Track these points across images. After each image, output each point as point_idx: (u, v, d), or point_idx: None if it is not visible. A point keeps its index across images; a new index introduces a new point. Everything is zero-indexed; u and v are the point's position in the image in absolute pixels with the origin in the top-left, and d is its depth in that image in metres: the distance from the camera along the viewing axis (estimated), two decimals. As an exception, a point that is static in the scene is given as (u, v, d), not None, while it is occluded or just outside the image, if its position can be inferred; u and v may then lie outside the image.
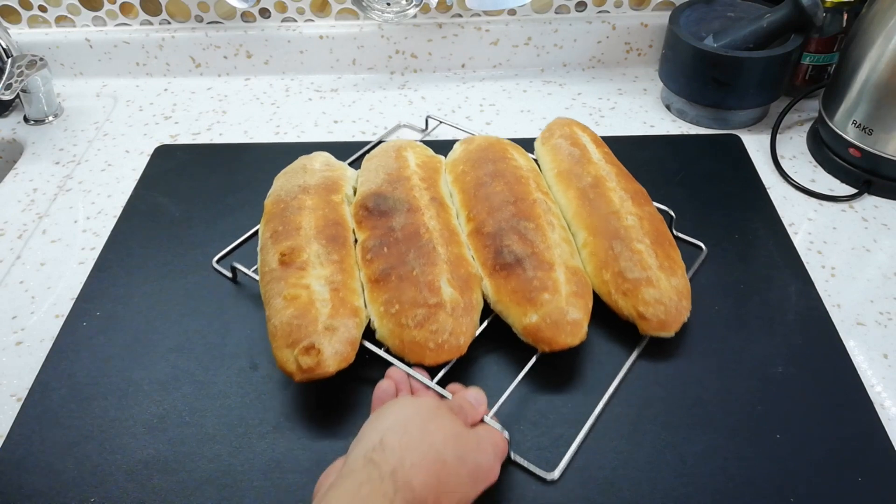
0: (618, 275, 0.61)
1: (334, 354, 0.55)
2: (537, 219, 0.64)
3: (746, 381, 0.59)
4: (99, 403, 0.59)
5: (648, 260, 0.62)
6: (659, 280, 0.61)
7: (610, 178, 0.69)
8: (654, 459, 0.54)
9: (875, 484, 0.52)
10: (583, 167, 0.71)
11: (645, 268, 0.61)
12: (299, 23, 1.00)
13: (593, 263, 0.64)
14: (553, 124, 0.79)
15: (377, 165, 0.73)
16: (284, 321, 0.56)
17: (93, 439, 0.57)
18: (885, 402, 0.58)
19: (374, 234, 0.65)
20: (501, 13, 0.98)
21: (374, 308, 0.60)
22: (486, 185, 0.69)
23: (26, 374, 0.62)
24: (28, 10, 0.99)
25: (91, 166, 0.87)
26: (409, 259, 0.61)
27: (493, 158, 0.72)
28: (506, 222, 0.64)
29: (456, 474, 0.44)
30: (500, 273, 0.61)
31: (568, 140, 0.75)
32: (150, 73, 1.03)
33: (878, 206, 0.77)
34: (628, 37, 0.99)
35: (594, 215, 0.66)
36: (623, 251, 0.62)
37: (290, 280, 0.59)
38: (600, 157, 0.72)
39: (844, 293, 0.67)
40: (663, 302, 0.60)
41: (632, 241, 0.63)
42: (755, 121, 0.89)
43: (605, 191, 0.68)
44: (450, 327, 0.57)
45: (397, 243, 0.63)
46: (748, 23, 0.85)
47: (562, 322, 0.57)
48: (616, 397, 0.58)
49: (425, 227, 0.64)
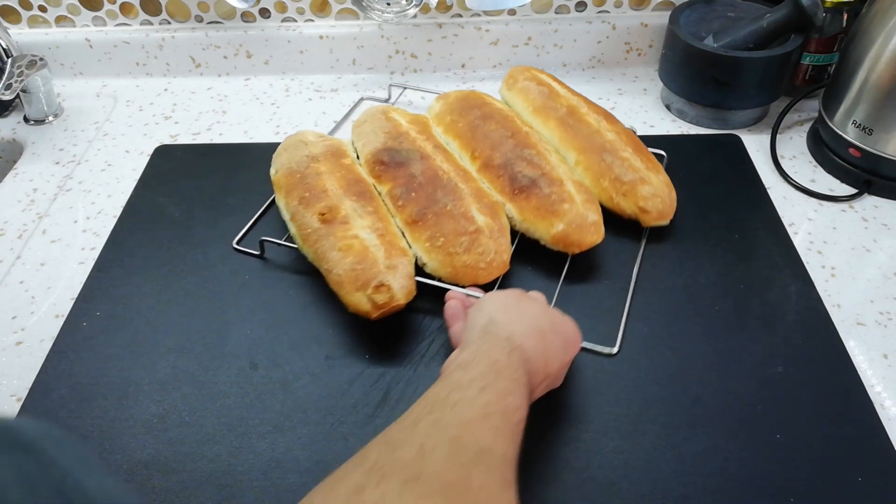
0: (615, 180, 0.72)
1: (401, 289, 0.61)
2: (536, 146, 0.74)
3: (746, 381, 0.59)
4: (99, 403, 0.59)
5: (636, 164, 0.73)
6: (650, 178, 0.72)
7: (581, 106, 0.80)
8: (653, 459, 0.54)
9: (875, 484, 0.52)
10: (555, 101, 0.81)
11: (636, 170, 0.72)
12: (299, 23, 1.00)
13: (590, 176, 0.74)
14: (513, 71, 0.88)
15: (371, 129, 0.78)
16: (347, 269, 0.61)
17: (93, 439, 0.57)
18: (885, 402, 0.58)
19: (397, 184, 0.71)
20: (501, 13, 0.98)
21: (420, 246, 0.66)
22: (480, 127, 0.77)
23: (26, 374, 0.62)
24: (28, 10, 0.99)
25: (91, 166, 0.87)
26: (438, 198, 0.68)
27: (476, 105, 0.80)
28: (511, 153, 0.73)
29: (553, 342, 0.52)
30: (520, 195, 0.69)
31: (533, 81, 0.84)
32: (150, 73, 1.03)
33: (878, 206, 0.77)
34: (628, 37, 0.99)
35: (578, 137, 0.76)
36: (614, 161, 0.73)
37: (338, 234, 0.64)
38: (566, 92, 0.83)
39: (844, 293, 0.67)
40: (659, 195, 0.71)
41: (618, 151, 0.74)
42: (755, 121, 0.89)
43: (581, 116, 0.78)
44: (493, 248, 0.65)
45: (422, 187, 0.69)
46: (748, 23, 0.85)
47: (585, 225, 0.67)
48: (616, 395, 0.59)
49: (441, 170, 0.71)
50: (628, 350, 0.62)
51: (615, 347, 0.62)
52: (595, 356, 0.62)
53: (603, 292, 0.67)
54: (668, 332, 0.63)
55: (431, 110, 0.84)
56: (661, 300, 0.66)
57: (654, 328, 0.64)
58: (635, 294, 0.67)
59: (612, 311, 0.65)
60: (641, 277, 0.69)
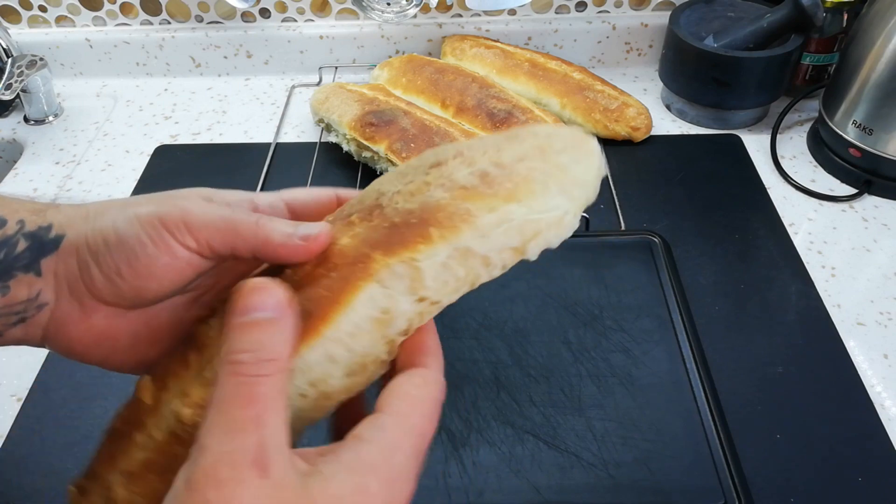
0: (604, 111, 0.83)
1: None
2: (496, 85, 0.83)
3: (746, 381, 0.59)
4: (99, 403, 0.59)
5: (612, 93, 0.84)
6: (629, 101, 0.84)
7: (537, 57, 0.88)
8: (654, 459, 0.54)
9: (875, 484, 0.52)
10: (513, 59, 0.88)
11: (615, 98, 0.84)
12: (299, 23, 1.00)
13: (580, 113, 0.83)
14: (450, 41, 0.93)
15: (339, 101, 0.81)
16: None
17: (93, 439, 0.56)
18: (885, 402, 0.58)
19: (393, 139, 0.74)
20: (501, 13, 0.98)
21: None
22: (440, 80, 0.84)
23: (26, 374, 0.62)
24: (28, 10, 0.99)
25: (91, 166, 0.87)
26: (437, 143, 0.72)
27: (425, 63, 0.86)
28: (479, 93, 0.81)
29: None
30: (502, 126, 0.77)
31: (481, 47, 0.90)
32: (150, 73, 1.03)
33: (878, 206, 0.77)
34: (628, 37, 0.98)
35: (554, 84, 0.85)
36: (595, 95, 0.84)
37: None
38: (513, 48, 0.90)
39: (844, 293, 0.67)
40: (643, 112, 0.84)
41: (592, 86, 0.85)
42: (755, 121, 0.89)
43: (543, 65, 0.87)
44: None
45: (417, 137, 0.73)
46: (748, 23, 0.85)
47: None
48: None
49: (427, 120, 0.76)
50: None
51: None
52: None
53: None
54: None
55: (380, 78, 0.89)
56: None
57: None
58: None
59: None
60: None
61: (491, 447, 0.53)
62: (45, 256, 0.32)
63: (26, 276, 0.31)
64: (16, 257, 0.31)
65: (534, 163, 0.30)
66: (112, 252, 0.31)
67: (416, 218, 0.28)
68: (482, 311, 0.62)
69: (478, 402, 0.56)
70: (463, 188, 0.29)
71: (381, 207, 0.30)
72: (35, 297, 0.32)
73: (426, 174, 0.30)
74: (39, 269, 0.32)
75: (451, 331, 0.60)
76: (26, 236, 0.31)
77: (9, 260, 0.31)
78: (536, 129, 0.32)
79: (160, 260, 0.31)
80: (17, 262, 0.31)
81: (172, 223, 0.31)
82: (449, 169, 0.30)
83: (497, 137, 0.31)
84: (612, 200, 0.77)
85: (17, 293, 0.31)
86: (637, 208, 0.76)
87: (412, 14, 0.92)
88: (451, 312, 0.35)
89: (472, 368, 0.58)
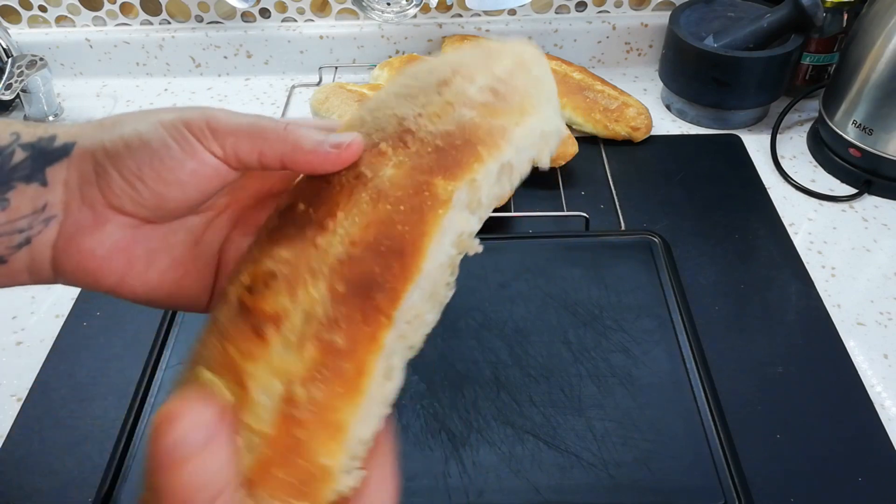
0: (605, 111, 0.84)
1: None
2: None
3: (746, 381, 0.59)
4: (99, 403, 0.59)
5: (612, 93, 0.85)
6: (629, 101, 0.85)
7: None
8: (654, 459, 0.54)
9: (875, 484, 0.52)
10: None
11: (615, 98, 0.84)
12: (299, 23, 1.00)
13: (581, 113, 0.84)
14: (450, 41, 0.94)
15: (340, 102, 0.82)
16: None
17: (93, 439, 0.57)
18: (885, 402, 0.58)
19: None
20: (501, 13, 0.98)
21: None
22: None
23: (26, 374, 0.62)
24: (28, 10, 0.99)
25: (91, 166, 0.87)
26: None
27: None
28: None
29: None
30: None
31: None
32: (150, 73, 1.03)
33: (878, 206, 0.77)
34: (628, 37, 0.98)
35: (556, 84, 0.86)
36: (595, 95, 0.85)
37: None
38: None
39: (844, 293, 0.67)
40: (643, 112, 0.85)
41: (592, 86, 0.85)
42: (755, 121, 0.89)
43: None
44: None
45: None
46: (748, 23, 0.85)
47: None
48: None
49: None
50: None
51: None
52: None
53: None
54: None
55: (379, 78, 0.89)
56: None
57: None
58: (635, 294, 0.67)
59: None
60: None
61: (491, 447, 0.53)
62: (50, 165, 0.29)
63: (28, 186, 0.29)
64: (14, 168, 0.29)
65: (522, 77, 0.31)
66: (135, 155, 0.29)
67: (459, 140, 0.29)
68: (482, 311, 0.62)
69: (478, 402, 0.56)
70: (483, 105, 0.30)
71: (411, 133, 0.29)
72: (41, 210, 0.29)
73: (439, 94, 0.30)
74: (45, 179, 0.29)
75: (452, 331, 0.60)
76: (24, 146, 0.29)
77: (5, 171, 0.29)
78: (494, 44, 0.33)
79: (186, 165, 0.29)
80: (16, 172, 0.29)
81: (198, 128, 0.29)
82: (459, 87, 0.30)
83: (474, 52, 0.32)
84: (612, 200, 0.77)
85: (19, 206, 0.29)
86: (637, 208, 0.76)
87: (412, 14, 0.92)
88: (451, 312, 0.35)
89: (472, 368, 0.58)
